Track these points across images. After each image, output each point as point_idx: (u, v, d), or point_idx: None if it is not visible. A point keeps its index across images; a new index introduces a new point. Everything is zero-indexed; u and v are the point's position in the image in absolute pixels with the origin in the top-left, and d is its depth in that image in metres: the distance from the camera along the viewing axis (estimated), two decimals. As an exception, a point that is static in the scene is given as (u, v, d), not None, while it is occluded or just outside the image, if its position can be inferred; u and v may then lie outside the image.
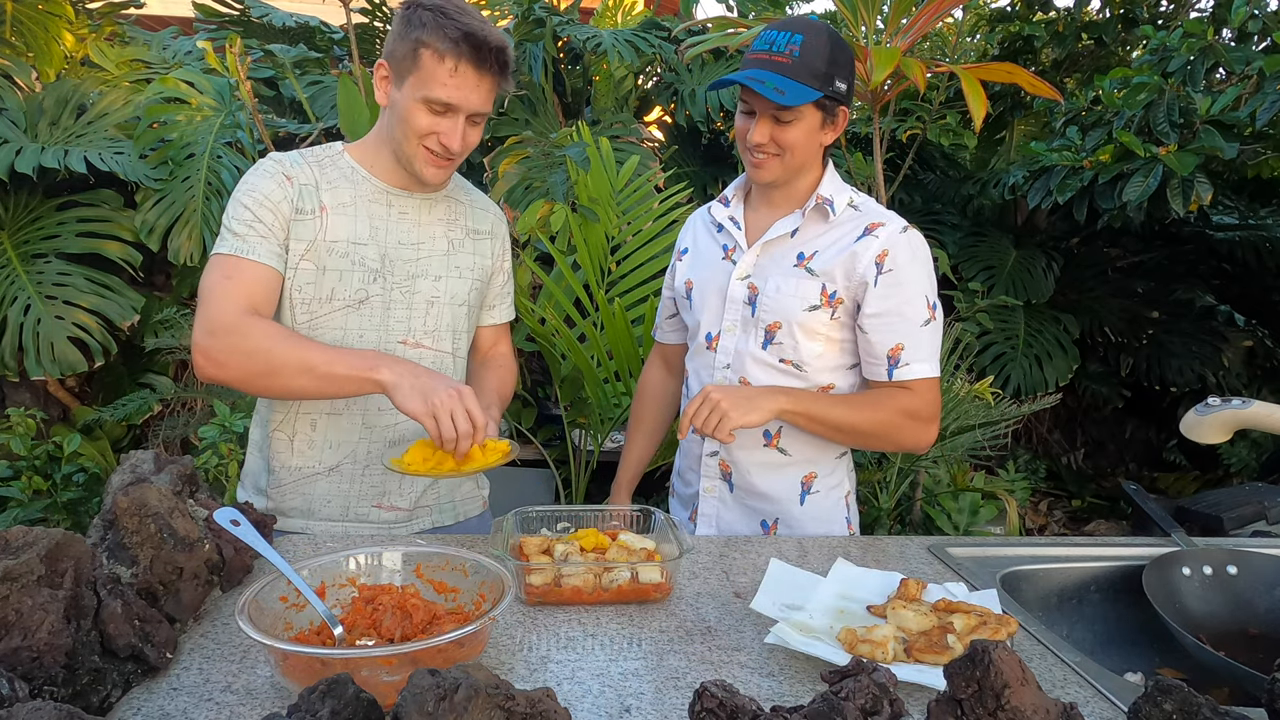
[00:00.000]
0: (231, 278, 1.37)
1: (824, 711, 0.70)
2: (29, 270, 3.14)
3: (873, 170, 3.22)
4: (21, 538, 0.87)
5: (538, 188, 3.11)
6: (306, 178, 1.45)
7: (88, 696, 0.84)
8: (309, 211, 1.43)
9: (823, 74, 1.42)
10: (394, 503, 1.55)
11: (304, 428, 1.50)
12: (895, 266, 1.48)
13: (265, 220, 1.40)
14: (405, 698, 0.67)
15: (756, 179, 1.54)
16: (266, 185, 1.42)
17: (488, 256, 1.63)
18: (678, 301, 1.73)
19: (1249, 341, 4.48)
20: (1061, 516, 4.47)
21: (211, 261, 1.40)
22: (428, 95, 1.35)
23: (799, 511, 1.58)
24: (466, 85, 1.36)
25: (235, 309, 1.34)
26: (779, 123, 1.45)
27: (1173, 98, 3.46)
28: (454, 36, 1.32)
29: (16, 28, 3.58)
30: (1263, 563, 1.40)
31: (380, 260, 1.48)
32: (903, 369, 1.49)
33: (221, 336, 1.33)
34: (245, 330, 1.33)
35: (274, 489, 1.52)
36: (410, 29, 1.35)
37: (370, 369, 1.30)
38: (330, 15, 4.32)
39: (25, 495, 2.68)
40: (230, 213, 1.41)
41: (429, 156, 1.42)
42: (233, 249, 1.39)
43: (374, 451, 1.52)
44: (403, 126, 1.40)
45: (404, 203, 1.52)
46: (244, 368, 1.33)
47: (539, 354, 3.27)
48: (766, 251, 1.57)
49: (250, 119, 3.23)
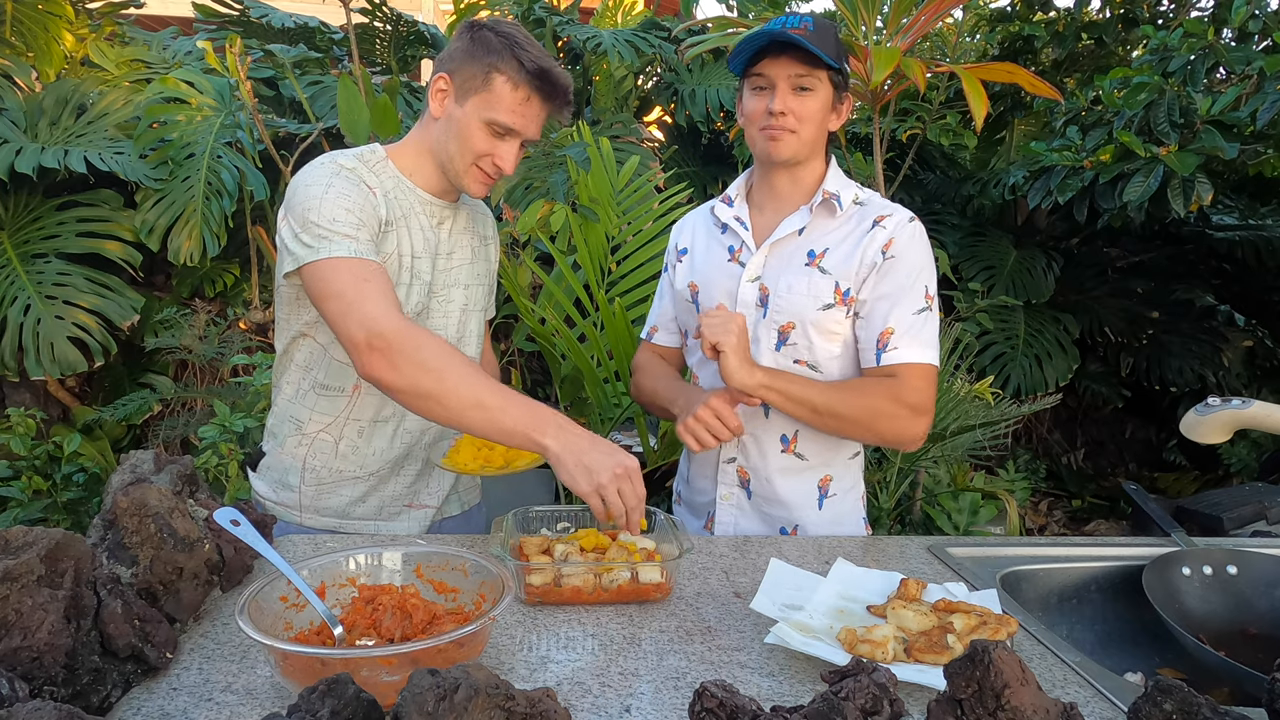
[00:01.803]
0: (369, 280, 1.31)
1: (824, 711, 0.70)
2: (29, 270, 3.14)
3: (873, 170, 3.22)
4: (21, 538, 0.87)
5: (538, 188, 3.11)
6: (381, 189, 1.43)
7: (88, 696, 0.84)
8: (389, 225, 1.42)
9: (835, 50, 1.45)
10: (423, 501, 1.57)
11: (350, 434, 1.50)
12: (898, 253, 1.48)
13: (370, 225, 1.37)
14: (405, 698, 0.67)
15: (773, 154, 1.49)
16: (354, 193, 1.37)
17: (493, 261, 1.67)
18: (679, 305, 1.70)
19: (1249, 341, 4.48)
20: (1061, 516, 4.47)
21: (327, 265, 1.32)
22: (493, 118, 1.38)
23: (816, 517, 1.57)
24: (531, 115, 1.40)
25: (393, 312, 1.29)
26: (799, 92, 1.45)
27: (1173, 98, 3.46)
28: (531, 70, 1.37)
29: (16, 28, 3.58)
30: (1263, 563, 1.39)
31: (431, 272, 1.49)
32: (890, 353, 1.46)
33: (395, 340, 1.26)
34: (419, 341, 1.27)
35: (309, 486, 1.52)
36: (484, 52, 1.37)
37: (537, 431, 1.22)
38: (330, 15, 4.32)
39: (25, 495, 2.68)
40: (329, 215, 1.34)
41: (480, 175, 1.44)
42: (351, 251, 1.32)
43: (414, 454, 1.55)
44: (460, 143, 1.41)
45: (440, 212, 1.52)
46: (414, 380, 1.25)
47: (539, 354, 3.27)
48: (775, 251, 1.55)
49: (250, 119, 3.23)
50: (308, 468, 1.51)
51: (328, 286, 1.32)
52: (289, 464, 1.53)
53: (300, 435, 1.51)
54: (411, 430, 1.53)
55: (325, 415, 1.50)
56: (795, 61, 1.43)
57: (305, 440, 1.51)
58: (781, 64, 1.44)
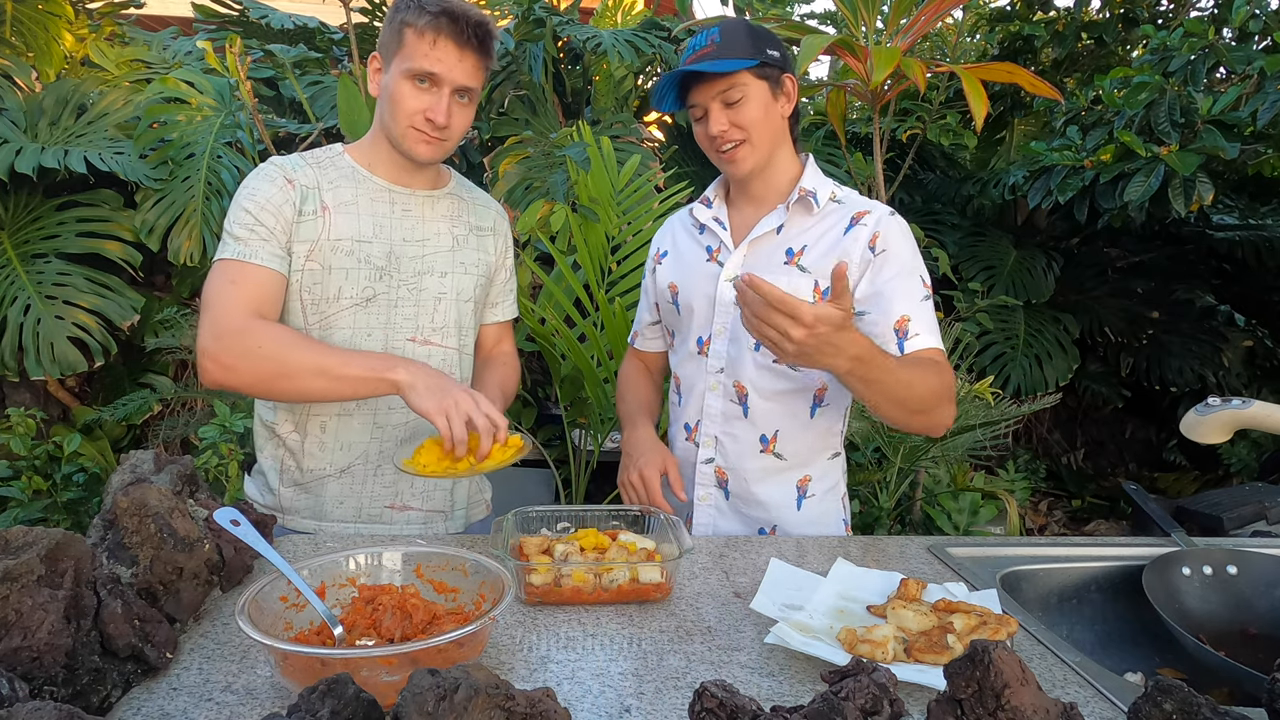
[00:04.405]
0: (236, 282, 1.37)
1: (824, 711, 0.70)
2: (29, 270, 3.14)
3: (873, 170, 3.22)
4: (21, 538, 0.87)
5: (538, 188, 3.11)
6: (308, 179, 1.46)
7: (88, 696, 0.84)
8: (311, 212, 1.44)
9: (749, 46, 1.45)
10: (407, 503, 1.55)
11: (314, 430, 1.50)
12: (888, 246, 1.47)
13: (267, 224, 1.40)
14: (405, 698, 0.67)
15: (735, 173, 1.53)
16: (267, 189, 1.42)
17: (491, 253, 1.64)
18: (661, 306, 1.71)
19: (1249, 341, 4.48)
20: (1061, 516, 4.47)
21: (215, 268, 1.41)
22: (409, 68, 1.39)
23: (795, 517, 1.56)
24: (449, 58, 1.40)
25: (241, 313, 1.35)
26: (729, 106, 1.46)
27: (1174, 97, 3.46)
28: (433, 11, 1.38)
29: (16, 28, 3.58)
30: (1263, 563, 1.39)
31: (386, 258, 1.48)
32: (913, 340, 1.42)
33: (229, 340, 1.33)
34: (253, 333, 1.33)
35: (285, 489, 1.52)
36: (395, 13, 1.41)
37: (385, 369, 1.30)
38: (330, 15, 4.32)
39: (25, 495, 2.68)
40: (231, 217, 1.42)
41: (419, 135, 1.44)
42: (235, 253, 1.39)
43: (385, 452, 1.52)
44: (392, 107, 1.43)
45: (407, 200, 1.52)
46: (254, 371, 1.33)
47: (539, 354, 3.26)
48: (754, 250, 1.55)
49: (250, 119, 3.23)
50: (284, 469, 1.52)
51: (204, 291, 1.40)
52: (269, 467, 1.55)
53: (273, 437, 1.53)
54: (382, 424, 1.52)
55: (289, 414, 1.51)
56: (710, 82, 1.45)
57: (277, 441, 1.52)
58: (702, 89, 1.46)
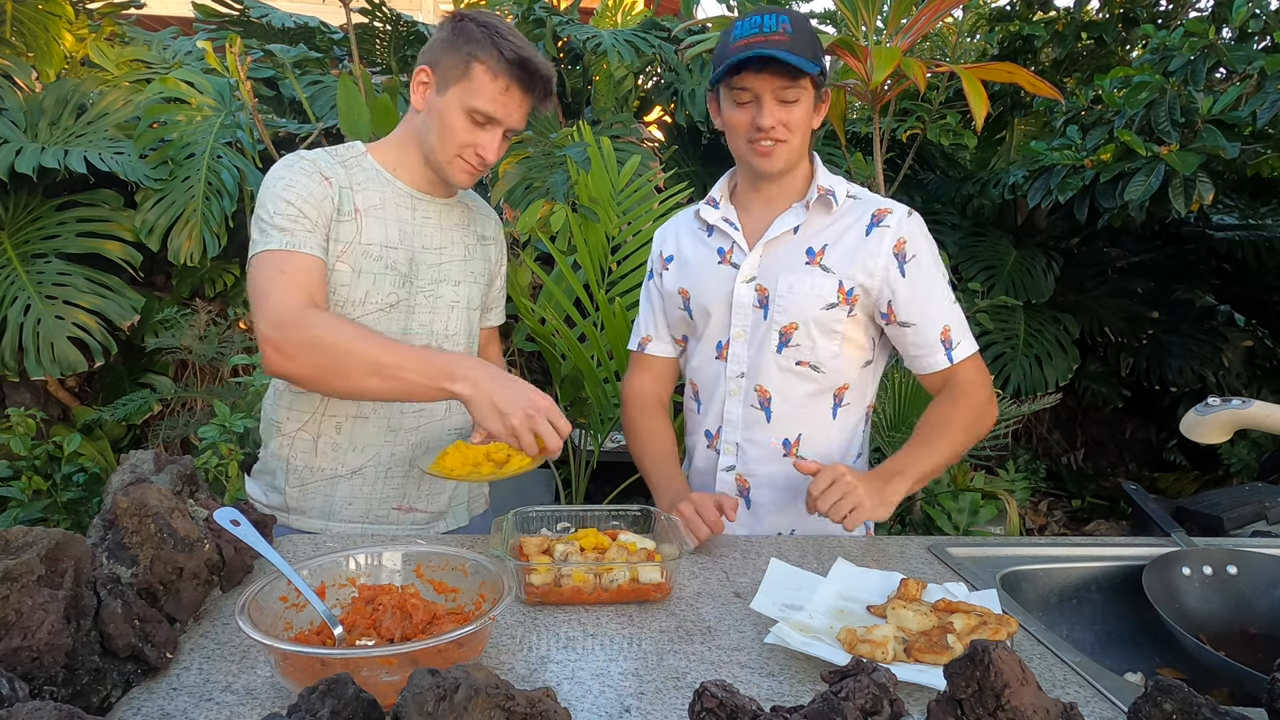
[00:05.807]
0: (286, 272, 1.35)
1: (824, 711, 0.70)
2: (29, 270, 3.14)
3: (873, 170, 3.23)
4: (21, 538, 0.87)
5: (538, 188, 3.11)
6: (342, 180, 1.44)
7: (88, 696, 0.84)
8: (347, 214, 1.43)
9: (814, 49, 1.43)
10: (414, 504, 1.55)
11: (329, 430, 1.49)
12: (918, 252, 1.49)
13: (310, 215, 1.39)
14: (405, 698, 0.67)
15: (763, 168, 1.48)
16: (306, 183, 1.40)
17: (492, 261, 1.66)
18: (669, 313, 1.68)
19: (1249, 341, 4.48)
20: (1061, 516, 4.47)
21: (258, 259, 1.37)
22: (474, 106, 1.38)
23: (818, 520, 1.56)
24: (512, 104, 1.41)
25: (297, 300, 1.32)
26: (784, 103, 1.43)
27: (1174, 97, 3.46)
28: (510, 58, 1.37)
29: (16, 28, 3.58)
30: (1263, 563, 1.39)
31: (409, 264, 1.48)
32: (958, 349, 1.51)
33: (288, 329, 1.29)
34: (309, 323, 1.30)
35: (293, 487, 1.51)
36: (464, 41, 1.39)
37: (444, 378, 1.27)
38: (330, 15, 4.32)
39: (25, 495, 2.68)
40: (271, 209, 1.38)
41: (464, 165, 1.44)
42: (282, 244, 1.36)
43: (398, 455, 1.52)
44: (441, 134, 1.42)
45: (427, 207, 1.52)
46: (312, 362, 1.30)
47: (539, 354, 3.27)
48: (770, 250, 1.53)
49: (250, 119, 3.23)
50: (291, 468, 1.51)
51: (252, 283, 1.37)
52: (275, 465, 1.54)
53: (281, 436, 1.52)
54: (396, 428, 1.51)
55: (301, 413, 1.50)
56: (778, 75, 1.40)
57: (286, 440, 1.51)
58: (765, 78, 1.41)
